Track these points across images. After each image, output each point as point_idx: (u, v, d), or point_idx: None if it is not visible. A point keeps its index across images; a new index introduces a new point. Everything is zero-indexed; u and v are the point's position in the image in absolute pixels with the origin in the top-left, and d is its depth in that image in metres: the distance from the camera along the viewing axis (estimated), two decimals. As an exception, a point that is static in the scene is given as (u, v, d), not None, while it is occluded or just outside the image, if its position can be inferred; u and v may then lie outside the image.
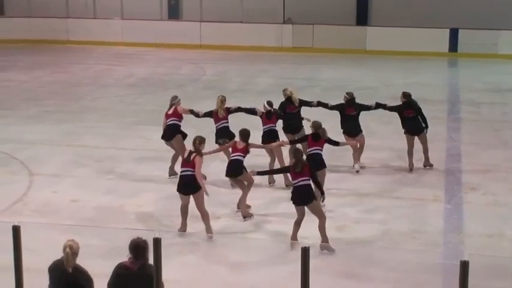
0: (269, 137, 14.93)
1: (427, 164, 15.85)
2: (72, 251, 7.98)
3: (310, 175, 11.80)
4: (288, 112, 15.53)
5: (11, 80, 25.49)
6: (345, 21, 31.51)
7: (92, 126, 19.50)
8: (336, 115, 15.92)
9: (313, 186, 11.88)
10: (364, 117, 16.15)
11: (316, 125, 13.76)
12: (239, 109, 15.42)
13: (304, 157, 12.77)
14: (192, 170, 12.15)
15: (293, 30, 31.26)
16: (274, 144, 14.59)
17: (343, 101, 15.88)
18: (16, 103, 22.07)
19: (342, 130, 15.64)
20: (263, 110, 15.22)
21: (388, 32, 30.36)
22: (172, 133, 15.17)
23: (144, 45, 31.20)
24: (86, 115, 20.70)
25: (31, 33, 31.87)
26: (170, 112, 15.29)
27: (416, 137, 15.65)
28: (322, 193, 12.07)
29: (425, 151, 15.80)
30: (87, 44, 31.56)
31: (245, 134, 13.58)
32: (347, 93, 15.96)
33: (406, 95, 15.71)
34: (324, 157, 13.67)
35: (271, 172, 14.17)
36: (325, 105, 15.92)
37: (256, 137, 14.50)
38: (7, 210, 13.60)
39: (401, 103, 15.73)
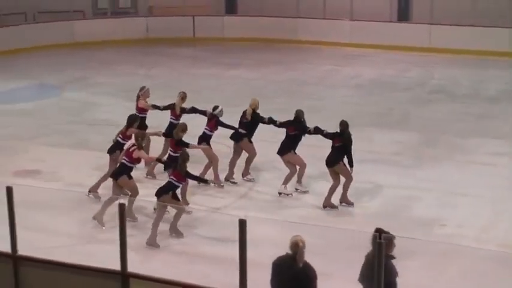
0: (201, 139, 15.15)
1: (343, 201, 14.27)
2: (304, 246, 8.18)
3: None
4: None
5: (240, 77, 26.32)
6: None
7: (314, 125, 19.63)
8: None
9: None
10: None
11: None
12: (193, 110, 15.70)
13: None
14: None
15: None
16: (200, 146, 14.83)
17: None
18: (245, 100, 22.68)
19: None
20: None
21: None
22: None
23: (372, 46, 31.12)
24: (311, 114, 20.92)
25: (262, 31, 32.73)
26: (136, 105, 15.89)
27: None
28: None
29: (343, 187, 14.21)
30: (315, 44, 31.96)
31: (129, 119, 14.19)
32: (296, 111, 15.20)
33: (341, 124, 14.45)
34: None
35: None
36: (273, 122, 15.45)
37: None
38: (232, 204, 14.13)
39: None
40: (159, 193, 12.62)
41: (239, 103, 22.16)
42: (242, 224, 8.02)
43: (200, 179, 13.68)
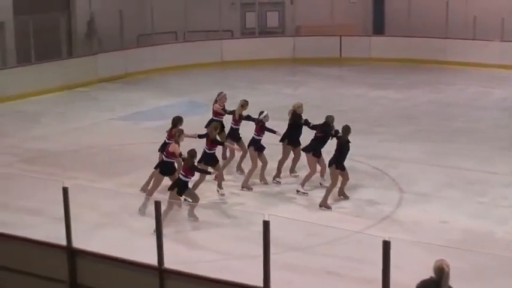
0: (250, 143, 16.44)
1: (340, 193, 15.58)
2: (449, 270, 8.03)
3: None
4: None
5: (387, 97, 26.09)
6: None
7: (464, 148, 19.35)
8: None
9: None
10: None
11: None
12: (247, 117, 16.86)
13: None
14: None
15: None
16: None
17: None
18: (391, 121, 22.58)
19: None
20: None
21: None
22: None
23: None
24: (458, 136, 20.59)
25: (409, 52, 32.36)
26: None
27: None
28: None
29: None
30: (464, 65, 31.29)
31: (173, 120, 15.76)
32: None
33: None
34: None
35: None
36: (307, 124, 16.56)
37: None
38: (376, 225, 13.99)
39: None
40: (171, 188, 13.88)
41: (385, 123, 22.14)
42: (386, 245, 7.95)
43: (204, 171, 14.81)
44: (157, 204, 10.16)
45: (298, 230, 12.96)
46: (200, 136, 15.72)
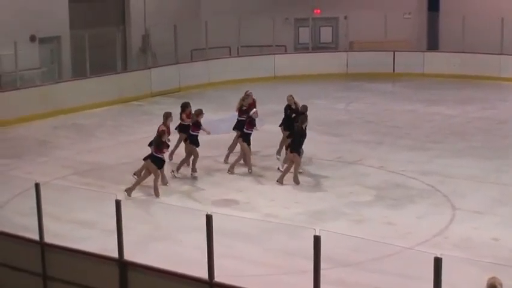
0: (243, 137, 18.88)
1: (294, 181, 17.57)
2: None
3: None
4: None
5: (440, 113, 25.87)
6: None
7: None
8: None
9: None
10: None
11: None
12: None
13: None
14: None
15: None
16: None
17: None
18: (443, 137, 22.38)
19: None
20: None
21: None
22: None
23: None
24: (511, 153, 20.33)
25: (463, 68, 32.10)
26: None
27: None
28: None
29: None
30: (518, 81, 30.93)
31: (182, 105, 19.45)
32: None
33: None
34: None
35: None
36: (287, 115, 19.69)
37: None
38: (428, 241, 13.85)
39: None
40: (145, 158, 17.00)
41: (437, 139, 21.95)
42: (438, 262, 7.87)
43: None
44: (118, 204, 10.84)
45: (347, 246, 12.88)
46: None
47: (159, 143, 16.73)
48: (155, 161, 16.69)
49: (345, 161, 19.61)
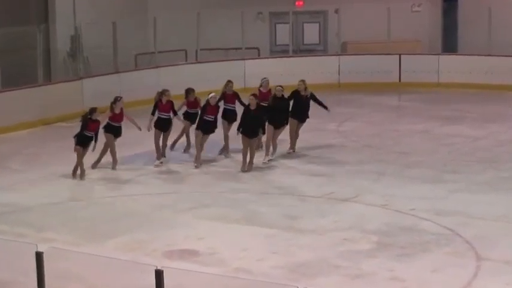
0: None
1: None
2: None
3: None
4: None
5: (460, 135, 25.99)
6: None
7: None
8: None
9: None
10: None
11: None
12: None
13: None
14: None
15: None
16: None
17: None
18: (465, 165, 22.46)
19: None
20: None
21: None
22: None
23: None
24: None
25: (489, 76, 32.23)
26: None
27: None
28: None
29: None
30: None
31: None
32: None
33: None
34: None
35: None
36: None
37: None
38: None
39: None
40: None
41: (457, 169, 22.01)
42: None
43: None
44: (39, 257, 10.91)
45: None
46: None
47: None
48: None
49: (337, 197, 19.64)
